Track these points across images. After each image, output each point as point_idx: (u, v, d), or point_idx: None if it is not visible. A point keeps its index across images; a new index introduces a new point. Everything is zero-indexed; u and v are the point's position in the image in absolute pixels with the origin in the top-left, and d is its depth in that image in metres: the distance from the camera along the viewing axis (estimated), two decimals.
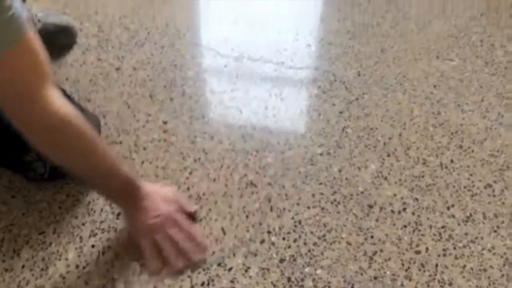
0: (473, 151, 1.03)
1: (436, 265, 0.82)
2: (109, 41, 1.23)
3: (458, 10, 1.34)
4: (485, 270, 0.81)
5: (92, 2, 1.32)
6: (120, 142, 1.03)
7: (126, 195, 0.79)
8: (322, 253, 0.84)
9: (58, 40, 1.20)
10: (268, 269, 0.81)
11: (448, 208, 0.92)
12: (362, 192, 0.95)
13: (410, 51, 1.23)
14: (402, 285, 0.79)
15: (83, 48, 1.21)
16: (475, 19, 1.31)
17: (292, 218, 0.90)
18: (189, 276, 0.80)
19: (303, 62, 1.21)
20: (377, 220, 0.90)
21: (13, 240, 0.85)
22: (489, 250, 0.84)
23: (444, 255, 0.84)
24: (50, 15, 1.20)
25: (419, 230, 0.88)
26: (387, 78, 1.17)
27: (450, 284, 0.80)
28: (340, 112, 1.10)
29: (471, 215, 0.91)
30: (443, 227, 0.89)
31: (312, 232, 0.87)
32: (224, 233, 0.87)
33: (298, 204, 0.92)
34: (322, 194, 0.95)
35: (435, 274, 0.81)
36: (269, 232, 0.87)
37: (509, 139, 1.05)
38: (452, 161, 1.01)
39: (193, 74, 1.17)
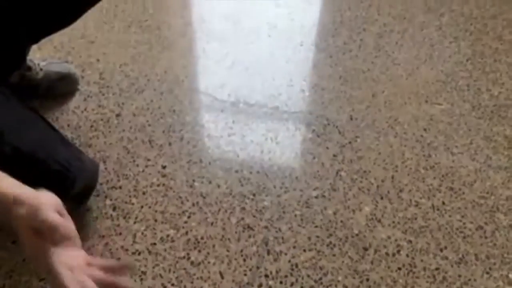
0: (463, 193, 1.06)
1: None
2: (110, 88, 1.27)
3: (445, 56, 1.40)
4: None
5: (93, 50, 1.37)
6: (120, 187, 1.05)
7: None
8: None
9: (60, 87, 1.24)
10: None
11: (441, 250, 0.94)
12: (357, 235, 0.97)
13: (400, 95, 1.28)
14: None
15: (84, 95, 1.25)
16: (461, 64, 1.37)
17: (289, 261, 0.92)
18: None
19: (297, 106, 1.25)
20: (372, 263, 0.91)
21: (14, 286, 0.86)
22: None
23: None
24: (52, 63, 1.25)
25: (414, 272, 0.90)
26: (379, 121, 1.22)
27: None
28: (334, 155, 1.14)
29: (463, 256, 0.93)
30: (436, 269, 0.91)
31: (308, 276, 0.89)
32: (222, 277, 0.89)
33: (294, 247, 0.94)
34: (318, 237, 0.97)
35: None
36: (266, 276, 0.89)
37: (497, 181, 1.08)
38: (443, 203, 1.04)
39: (191, 119, 1.21)
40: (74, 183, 0.88)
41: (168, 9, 1.53)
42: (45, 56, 1.33)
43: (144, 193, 1.05)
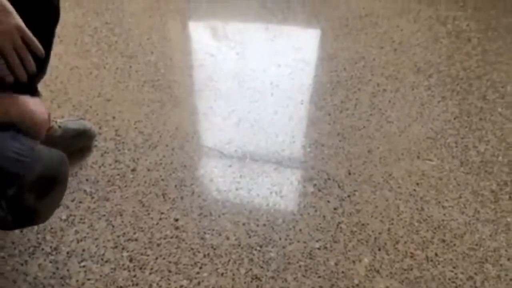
0: (454, 244, 1.15)
1: None
2: (125, 144, 1.37)
3: (434, 114, 1.51)
4: None
5: (109, 108, 1.47)
6: (136, 239, 1.13)
7: None
8: None
9: (77, 143, 1.33)
10: None
11: None
12: (357, 285, 1.05)
13: (394, 151, 1.39)
14: None
15: (101, 151, 1.34)
16: (449, 122, 1.49)
17: None
18: None
19: (299, 162, 1.35)
20: None
21: None
22: None
23: None
24: (70, 121, 1.35)
25: None
26: (375, 176, 1.31)
27: None
28: (335, 209, 1.23)
29: None
30: None
31: None
32: None
33: None
34: (321, 287, 1.04)
35: None
36: None
37: (485, 233, 1.17)
38: (436, 254, 1.12)
39: (201, 174, 1.30)
40: (29, 170, 0.83)
41: (178, 69, 1.65)
42: (64, 114, 1.44)
43: (158, 245, 1.12)
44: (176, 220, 1.18)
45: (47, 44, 1.01)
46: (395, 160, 1.36)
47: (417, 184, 1.30)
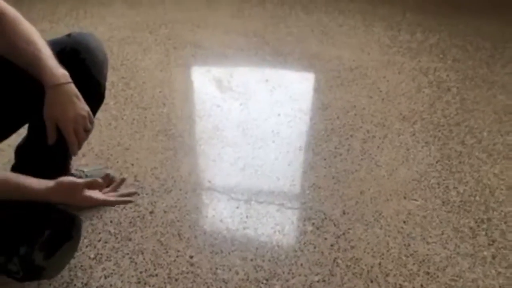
0: (438, 276, 1.30)
1: None
2: (143, 189, 1.53)
3: (418, 158, 1.69)
4: None
5: (128, 156, 1.65)
6: (156, 275, 1.28)
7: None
8: None
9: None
10: None
11: None
12: None
13: (383, 193, 1.56)
14: None
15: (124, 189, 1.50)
16: (432, 165, 1.67)
17: None
18: None
19: (299, 203, 1.51)
20: None
21: None
22: None
23: None
24: (95, 170, 1.52)
25: None
26: (367, 215, 1.48)
27: None
28: (331, 245, 1.38)
29: None
30: None
31: None
32: None
33: None
34: None
35: None
36: None
37: (465, 266, 1.33)
38: (422, 285, 1.27)
39: (212, 215, 1.46)
40: (41, 230, 0.97)
41: (188, 119, 1.84)
42: (88, 162, 1.60)
43: (176, 280, 1.27)
44: (191, 257, 1.33)
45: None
46: (384, 200, 1.53)
47: (404, 222, 1.46)
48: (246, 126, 1.82)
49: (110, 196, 1.06)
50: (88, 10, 2.58)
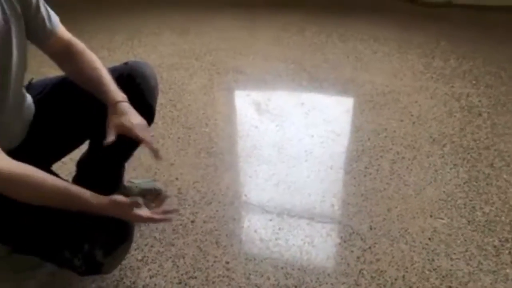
0: None
1: None
2: (185, 200, 1.68)
3: (446, 179, 1.76)
4: None
5: (173, 171, 1.81)
6: (195, 277, 1.41)
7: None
8: None
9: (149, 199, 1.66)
10: None
11: None
12: None
13: (410, 211, 1.63)
14: None
15: (167, 205, 1.66)
16: (460, 186, 1.73)
17: None
18: None
19: (328, 218, 1.62)
20: None
21: None
22: None
23: None
24: (144, 182, 1.69)
25: None
26: (393, 231, 1.56)
27: None
28: (357, 257, 1.47)
29: None
30: None
31: None
32: None
33: None
34: None
35: None
36: None
37: (487, 282, 1.38)
38: None
39: (247, 226, 1.59)
40: (101, 231, 1.12)
41: (228, 138, 1.99)
42: (138, 175, 1.78)
43: (213, 282, 1.40)
44: (227, 263, 1.46)
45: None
46: (411, 218, 1.61)
47: (429, 238, 1.53)
48: (281, 146, 1.95)
49: (155, 214, 1.17)
50: (141, 40, 2.83)
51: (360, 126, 2.06)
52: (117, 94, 1.18)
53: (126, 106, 1.18)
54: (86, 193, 1.07)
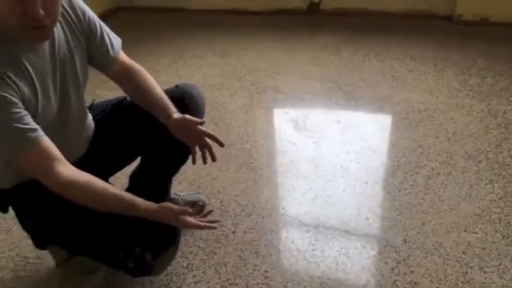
0: None
1: None
2: (227, 212, 1.79)
3: (481, 195, 1.79)
4: None
5: (216, 185, 1.93)
6: (236, 284, 1.51)
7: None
8: None
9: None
10: None
11: None
12: None
13: (444, 225, 1.68)
14: None
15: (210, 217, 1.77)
16: (495, 202, 1.75)
17: None
18: None
19: (363, 231, 1.68)
20: None
21: None
22: None
23: None
24: (188, 195, 1.81)
25: None
26: (427, 245, 1.60)
27: None
28: (392, 269, 1.53)
29: None
30: None
31: None
32: None
33: None
34: None
35: None
36: None
37: None
38: None
39: (285, 237, 1.68)
40: (151, 235, 1.25)
41: (267, 154, 2.10)
42: (183, 189, 1.91)
43: None
44: (266, 271, 1.55)
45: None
46: (445, 232, 1.65)
47: (463, 252, 1.57)
48: (318, 162, 2.04)
49: (200, 222, 1.27)
50: (186, 62, 3.01)
51: (395, 142, 2.12)
52: (173, 108, 1.34)
53: (183, 118, 1.33)
54: (139, 200, 1.20)
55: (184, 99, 1.43)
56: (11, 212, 1.58)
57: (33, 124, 1.09)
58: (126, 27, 3.49)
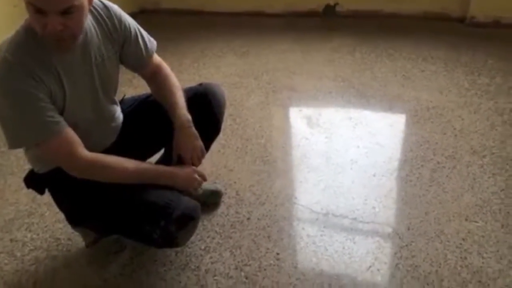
0: (488, 285, 1.49)
1: None
2: (242, 201, 1.93)
3: (484, 187, 1.88)
4: None
5: (232, 176, 2.07)
6: (250, 265, 1.64)
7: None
8: None
9: (211, 199, 1.92)
10: None
11: None
12: None
13: (446, 214, 1.77)
14: None
15: (227, 205, 1.91)
16: (496, 194, 1.84)
17: None
18: None
19: (369, 218, 1.79)
20: None
21: None
22: None
23: None
24: (207, 184, 1.95)
25: None
26: (429, 232, 1.71)
27: None
28: (395, 253, 1.64)
29: None
30: None
31: None
32: None
33: None
34: None
35: None
36: None
37: None
38: None
39: (296, 224, 1.80)
40: (174, 210, 1.36)
41: (281, 148, 2.23)
42: None
43: (265, 269, 1.62)
44: (278, 254, 1.68)
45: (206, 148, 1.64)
46: (447, 220, 1.75)
47: (463, 239, 1.67)
48: (329, 156, 2.15)
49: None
50: (206, 62, 3.16)
51: (404, 138, 2.22)
52: (184, 119, 1.45)
53: (187, 132, 1.46)
54: (159, 166, 1.44)
55: (207, 96, 1.57)
56: (44, 198, 1.76)
57: (57, 117, 1.24)
58: (150, 29, 3.65)
